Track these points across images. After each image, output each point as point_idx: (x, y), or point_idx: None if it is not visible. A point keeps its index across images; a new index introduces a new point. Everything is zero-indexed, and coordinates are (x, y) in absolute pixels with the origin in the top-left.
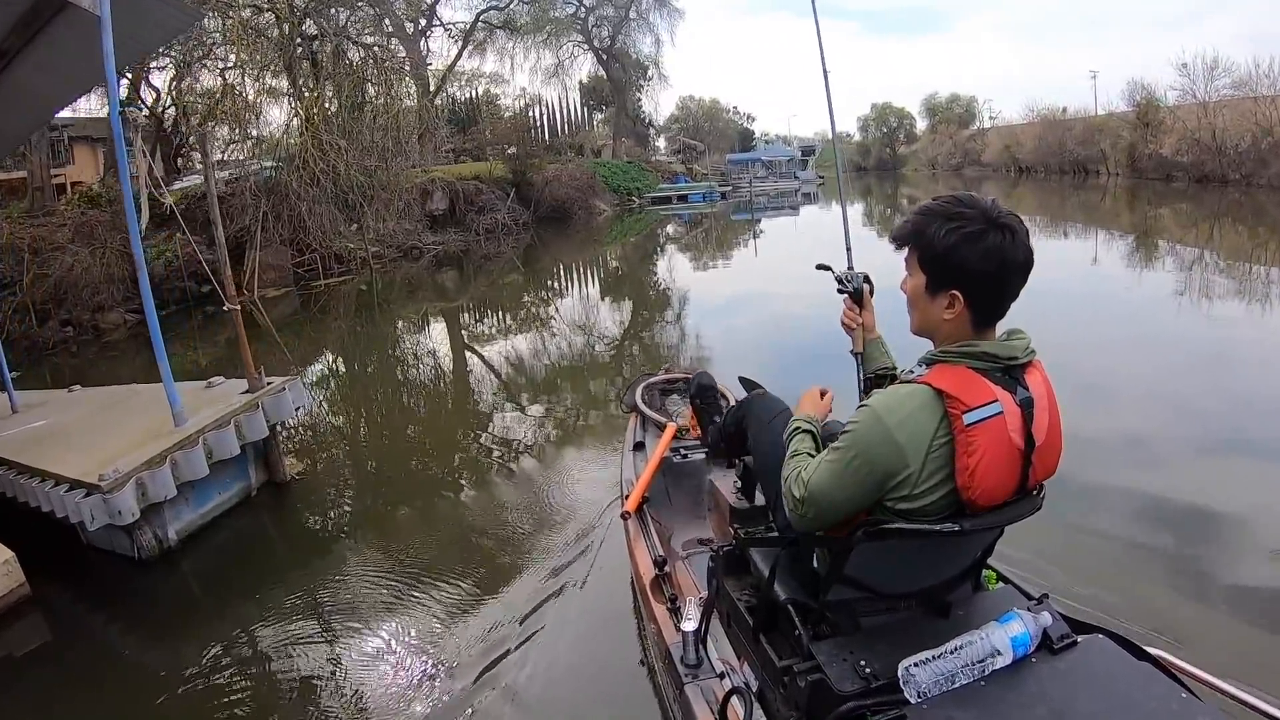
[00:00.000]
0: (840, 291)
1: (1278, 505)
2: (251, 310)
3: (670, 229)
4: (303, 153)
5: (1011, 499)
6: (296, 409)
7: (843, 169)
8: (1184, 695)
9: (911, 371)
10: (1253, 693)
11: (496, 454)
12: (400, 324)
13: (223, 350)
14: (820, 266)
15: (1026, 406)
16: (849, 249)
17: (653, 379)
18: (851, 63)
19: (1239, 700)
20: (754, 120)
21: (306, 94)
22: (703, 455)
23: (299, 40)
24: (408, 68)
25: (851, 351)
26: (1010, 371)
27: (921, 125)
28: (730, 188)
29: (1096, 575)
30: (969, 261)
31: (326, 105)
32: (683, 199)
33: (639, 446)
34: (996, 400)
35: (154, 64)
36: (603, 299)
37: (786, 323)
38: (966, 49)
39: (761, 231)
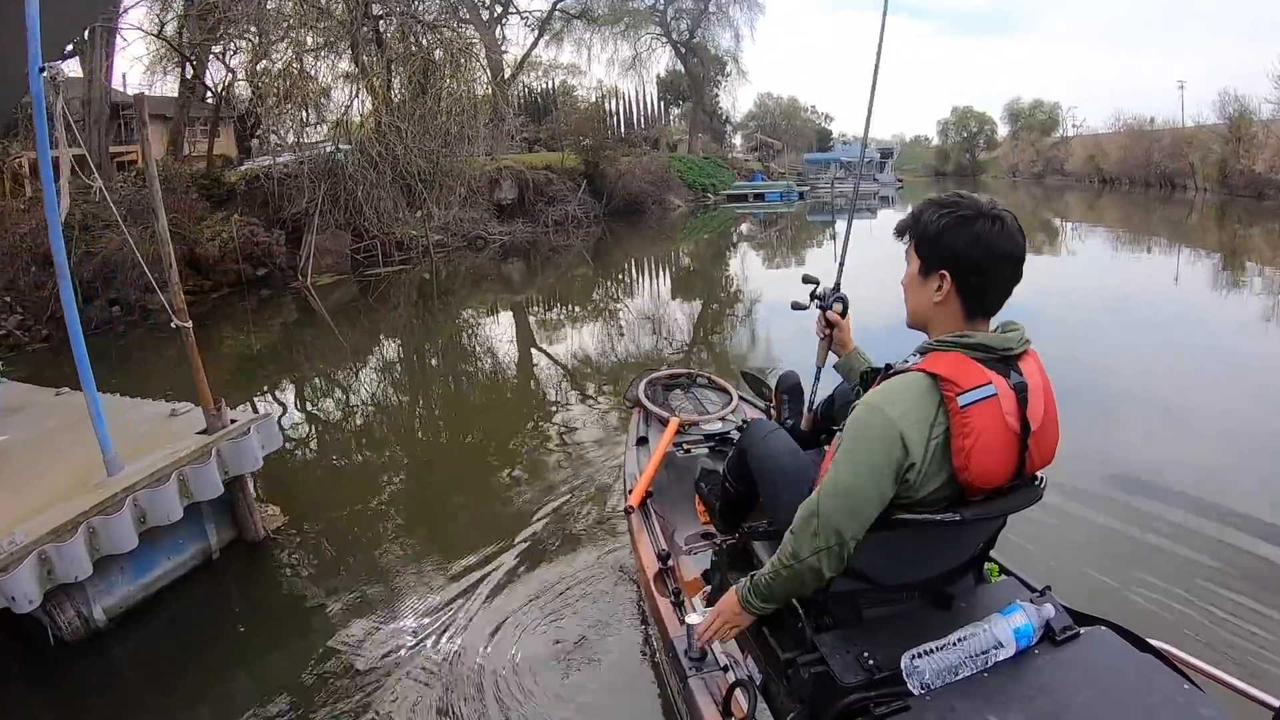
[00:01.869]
0: (815, 305)
1: None
2: (307, 295)
3: (745, 228)
4: (360, 135)
5: (1010, 484)
6: (265, 454)
7: (860, 174)
8: (1187, 687)
9: (906, 361)
10: (1255, 685)
11: (520, 460)
12: (459, 317)
13: (277, 335)
14: (806, 279)
15: (1020, 391)
16: (841, 266)
17: (656, 374)
18: (931, 65)
19: (1242, 693)
20: (832, 120)
21: (370, 73)
22: (705, 450)
23: (365, 18)
24: (478, 49)
25: (817, 366)
26: (1005, 360)
27: (1003, 131)
28: (808, 188)
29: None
30: (957, 243)
31: (390, 86)
32: (759, 198)
33: (642, 441)
34: (990, 383)
35: (228, 44)
36: (672, 298)
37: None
38: (1050, 54)
39: (835, 234)
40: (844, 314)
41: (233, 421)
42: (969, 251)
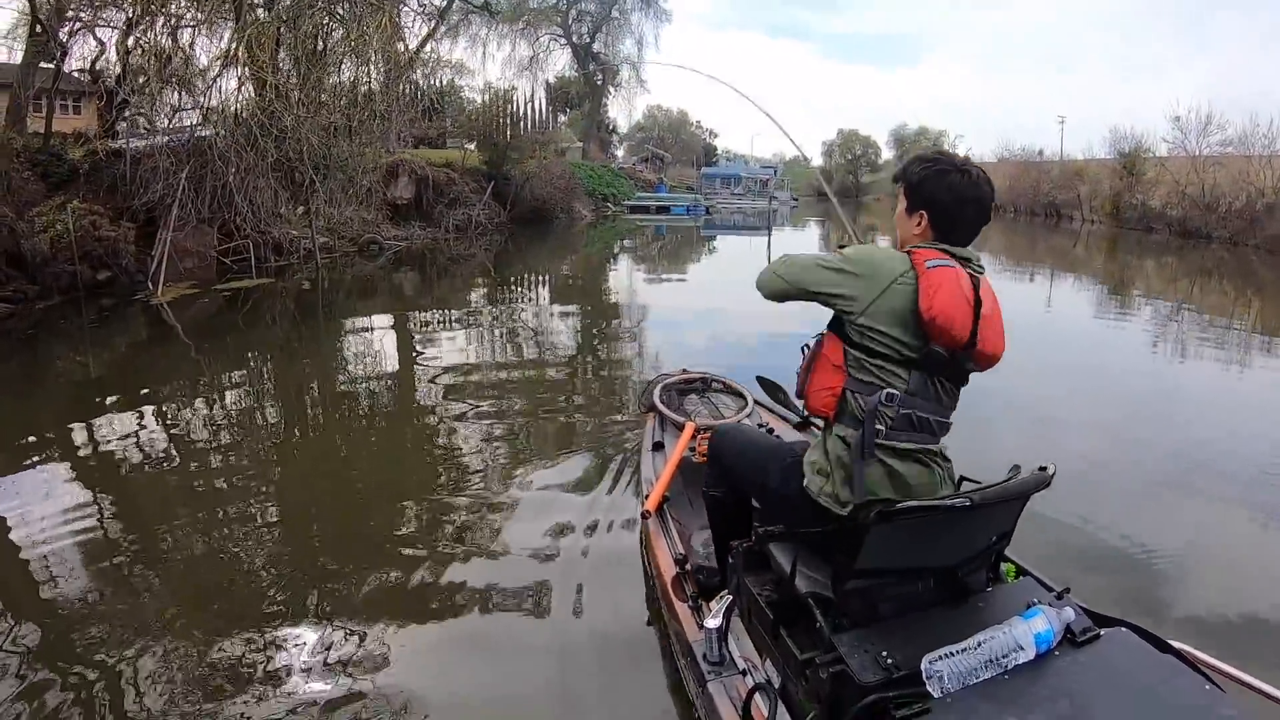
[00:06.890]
0: None
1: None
2: (160, 310)
3: (653, 241)
4: (236, 105)
5: (964, 348)
6: None
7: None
8: (1208, 688)
9: None
10: (1277, 686)
11: (496, 469)
12: (360, 338)
13: (122, 357)
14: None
15: (973, 278)
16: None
17: (671, 379)
18: (814, 86)
19: (1263, 693)
20: (716, 136)
21: (250, 27)
22: None
23: None
24: (389, 9)
25: None
26: (963, 263)
27: (887, 155)
28: (712, 203)
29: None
30: (934, 191)
31: (278, 43)
32: (663, 210)
33: (658, 446)
34: (951, 261)
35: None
36: (593, 315)
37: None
38: (934, 81)
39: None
40: None
41: None
42: (941, 196)
